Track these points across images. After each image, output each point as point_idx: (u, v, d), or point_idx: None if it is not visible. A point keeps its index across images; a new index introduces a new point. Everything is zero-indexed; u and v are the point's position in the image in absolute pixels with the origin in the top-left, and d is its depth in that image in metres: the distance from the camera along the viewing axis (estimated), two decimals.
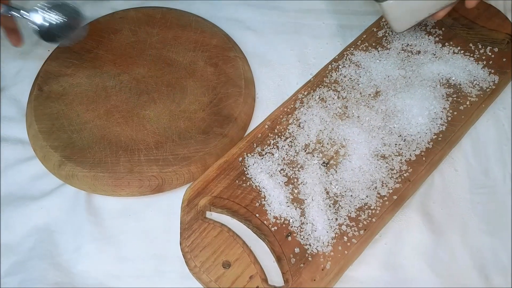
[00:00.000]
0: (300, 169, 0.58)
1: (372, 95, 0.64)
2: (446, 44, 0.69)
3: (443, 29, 0.71)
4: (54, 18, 0.61)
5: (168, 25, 0.71)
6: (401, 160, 0.59)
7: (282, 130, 0.62)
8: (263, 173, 0.58)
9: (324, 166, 0.59)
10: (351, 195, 0.56)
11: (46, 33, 0.62)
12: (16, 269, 0.54)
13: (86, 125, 0.62)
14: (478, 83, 0.65)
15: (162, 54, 0.69)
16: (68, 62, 0.67)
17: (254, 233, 0.55)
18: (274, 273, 0.53)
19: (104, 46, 0.69)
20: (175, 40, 0.70)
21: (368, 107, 0.63)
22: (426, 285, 0.54)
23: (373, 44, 0.69)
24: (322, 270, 0.52)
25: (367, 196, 0.56)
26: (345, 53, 0.68)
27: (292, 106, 0.64)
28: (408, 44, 0.69)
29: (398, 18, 0.63)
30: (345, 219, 0.55)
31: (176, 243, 0.55)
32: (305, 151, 0.60)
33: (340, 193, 0.56)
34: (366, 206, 0.56)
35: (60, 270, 0.54)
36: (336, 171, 0.58)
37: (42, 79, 0.66)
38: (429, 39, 0.70)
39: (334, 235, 0.54)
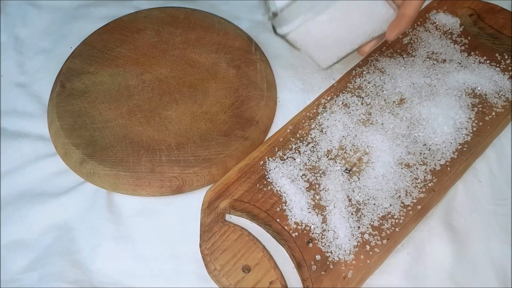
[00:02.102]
0: (322, 175, 0.58)
1: (396, 102, 0.63)
2: (472, 53, 0.68)
3: (468, 38, 0.70)
4: None
5: (192, 26, 0.71)
6: (425, 169, 0.58)
7: (304, 135, 0.61)
8: (285, 177, 0.57)
9: (347, 173, 0.58)
10: (374, 204, 0.55)
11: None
12: (34, 266, 0.54)
13: (108, 123, 0.61)
14: (504, 93, 0.64)
15: (185, 55, 0.68)
16: (91, 59, 0.67)
17: (274, 238, 0.55)
18: (294, 280, 0.52)
19: (127, 45, 0.69)
20: (198, 41, 0.70)
21: (392, 114, 0.62)
22: None
23: (398, 50, 0.68)
24: (344, 278, 0.51)
25: (390, 205, 0.55)
26: (369, 58, 0.68)
27: (314, 111, 0.63)
28: (434, 52, 0.68)
29: (313, 53, 0.56)
30: (367, 227, 0.54)
31: (194, 244, 0.55)
32: (328, 157, 0.59)
33: (362, 201, 0.56)
34: (389, 215, 0.55)
35: (78, 267, 0.54)
36: (359, 178, 0.57)
37: (65, 76, 0.66)
38: (454, 48, 0.69)
39: (356, 244, 0.53)
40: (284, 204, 0.56)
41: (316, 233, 0.54)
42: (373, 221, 0.54)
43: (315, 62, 0.58)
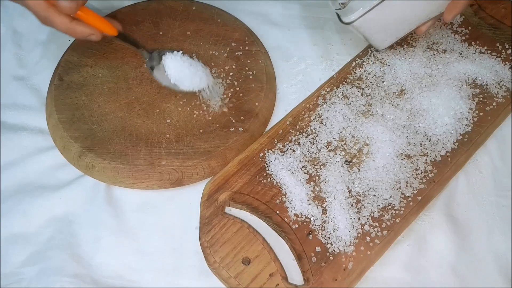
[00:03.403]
0: (322, 167, 0.57)
1: (397, 93, 0.63)
2: (473, 43, 0.68)
3: (469, 28, 0.69)
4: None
5: (190, 18, 0.71)
6: (426, 160, 0.58)
7: (304, 126, 0.61)
8: (284, 169, 0.57)
9: (347, 164, 0.58)
10: (375, 195, 0.55)
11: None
12: (34, 259, 0.54)
13: (106, 116, 0.61)
14: (505, 84, 0.64)
15: (183, 46, 0.68)
16: (89, 52, 0.67)
17: (274, 230, 0.55)
18: (294, 272, 0.52)
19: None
20: (197, 33, 0.69)
21: (392, 105, 0.61)
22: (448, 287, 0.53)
23: (399, 41, 0.68)
24: (344, 270, 0.51)
25: (390, 196, 0.55)
26: (369, 49, 0.67)
27: (314, 102, 0.63)
28: (434, 43, 0.67)
29: (373, 36, 0.60)
30: (367, 219, 0.54)
31: (194, 237, 0.55)
32: (327, 148, 0.59)
33: (363, 192, 0.55)
34: (390, 207, 0.55)
35: (79, 261, 0.54)
36: (359, 169, 0.57)
37: (63, 69, 0.65)
38: (455, 38, 0.68)
39: (356, 235, 0.53)
40: (284, 196, 0.56)
41: (316, 225, 0.54)
42: (373, 213, 0.54)
43: (373, 44, 0.62)
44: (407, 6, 0.56)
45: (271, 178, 0.57)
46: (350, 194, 0.55)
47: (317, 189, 0.56)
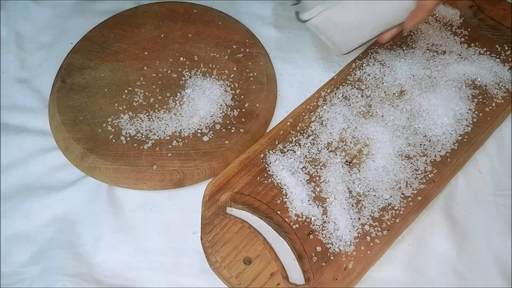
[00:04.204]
0: (322, 167, 0.58)
1: (396, 94, 0.63)
2: (472, 44, 0.68)
3: (468, 29, 0.70)
4: None
5: (191, 20, 0.71)
6: (426, 160, 0.58)
7: (304, 127, 0.61)
8: (285, 170, 0.57)
9: (347, 165, 0.58)
10: (375, 195, 0.55)
11: None
12: (36, 259, 0.55)
13: (108, 118, 0.62)
14: (504, 84, 0.64)
15: (185, 49, 0.68)
16: (91, 55, 0.67)
17: (275, 230, 0.55)
18: (295, 271, 0.53)
19: (127, 40, 0.69)
20: (198, 36, 0.70)
21: (392, 106, 0.62)
22: (448, 287, 0.53)
23: (398, 42, 0.68)
24: (345, 269, 0.51)
25: (390, 196, 0.55)
26: (369, 51, 0.68)
27: (314, 103, 0.63)
28: (434, 44, 0.68)
29: (333, 38, 0.57)
30: (368, 219, 0.54)
31: (195, 237, 0.55)
32: (328, 149, 0.59)
33: (363, 192, 0.56)
34: (390, 207, 0.55)
35: (80, 260, 0.54)
36: (359, 170, 0.57)
37: (65, 71, 0.66)
38: (454, 40, 0.69)
39: (356, 235, 0.53)
40: (284, 197, 0.56)
41: (316, 225, 0.54)
42: (374, 213, 0.54)
43: (335, 47, 0.59)
44: (366, 9, 0.54)
45: (272, 179, 0.57)
46: (351, 194, 0.56)
47: (318, 189, 0.56)
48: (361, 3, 0.53)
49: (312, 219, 0.54)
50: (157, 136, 0.60)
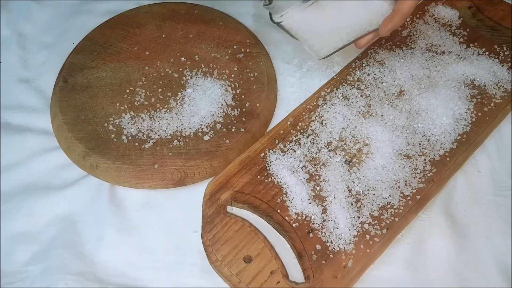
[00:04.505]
0: (322, 167, 0.58)
1: (396, 94, 0.63)
2: (471, 45, 0.69)
3: (467, 30, 0.70)
4: None
5: (193, 21, 0.72)
6: (425, 160, 0.58)
7: (305, 127, 0.62)
8: (285, 169, 0.58)
9: (347, 164, 0.58)
10: (374, 194, 0.56)
11: None
12: (38, 258, 0.55)
13: (110, 117, 0.62)
14: (503, 84, 0.65)
15: (186, 49, 0.69)
16: (93, 55, 0.68)
17: (275, 229, 0.55)
18: (295, 270, 0.53)
19: (129, 40, 0.70)
20: (199, 36, 0.70)
21: (392, 106, 0.62)
22: (448, 286, 0.54)
23: (398, 43, 0.69)
24: (344, 268, 0.52)
25: (390, 195, 0.56)
26: (369, 51, 0.68)
27: (314, 103, 0.64)
28: (433, 44, 0.68)
29: (309, 42, 0.57)
30: (367, 217, 0.54)
31: (196, 236, 0.55)
32: (328, 148, 0.60)
33: (362, 191, 0.56)
34: (389, 205, 0.55)
35: (82, 259, 0.55)
36: (359, 169, 0.58)
37: (67, 71, 0.67)
38: (453, 40, 0.69)
39: (356, 233, 0.53)
40: (284, 195, 0.56)
41: (316, 224, 0.54)
42: (373, 211, 0.55)
43: (312, 51, 0.58)
44: (339, 12, 0.53)
45: (272, 178, 0.58)
46: (350, 193, 0.56)
47: (318, 188, 0.57)
48: (333, 6, 0.52)
49: (312, 217, 0.55)
50: (158, 135, 0.61)
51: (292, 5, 0.51)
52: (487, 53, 0.67)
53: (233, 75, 0.66)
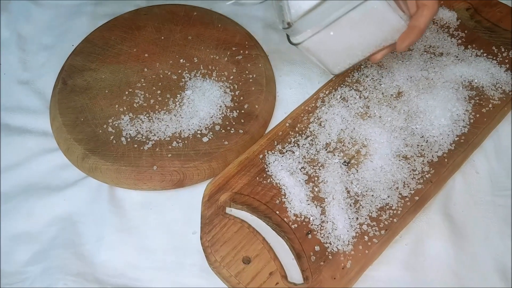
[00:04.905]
0: (320, 168, 0.58)
1: (394, 96, 0.64)
2: (469, 46, 0.69)
3: (465, 31, 0.71)
4: None
5: (191, 23, 0.72)
6: (423, 161, 0.58)
7: (303, 128, 0.62)
8: (284, 170, 0.58)
9: (345, 165, 0.59)
10: (372, 195, 0.56)
11: None
12: (38, 258, 0.55)
13: (109, 119, 0.62)
14: (501, 86, 0.65)
15: (184, 51, 0.69)
16: (92, 56, 0.68)
17: (274, 230, 0.55)
18: (294, 271, 0.53)
19: (128, 42, 0.70)
20: (197, 38, 0.71)
21: (390, 107, 0.62)
22: (446, 287, 0.54)
23: None
24: (343, 268, 0.52)
25: (388, 196, 0.56)
26: None
27: (313, 104, 0.64)
28: (431, 46, 0.69)
29: (324, 60, 0.57)
30: (366, 218, 0.55)
31: (196, 237, 0.56)
32: (326, 150, 0.60)
33: (361, 192, 0.56)
34: (388, 206, 0.55)
35: (82, 259, 0.55)
36: (357, 170, 0.58)
37: (67, 73, 0.67)
38: (451, 41, 0.69)
39: (354, 234, 0.54)
40: (283, 197, 0.57)
41: (315, 225, 0.55)
42: (372, 212, 0.55)
43: (326, 68, 0.59)
44: (357, 31, 0.54)
45: (271, 179, 0.58)
46: (349, 194, 0.56)
47: (316, 189, 0.57)
48: (350, 26, 0.52)
49: (311, 219, 0.55)
50: (157, 137, 0.61)
51: (310, 27, 0.52)
52: (485, 54, 0.68)
53: (232, 77, 0.67)
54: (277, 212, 0.56)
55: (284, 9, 0.51)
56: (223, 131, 0.62)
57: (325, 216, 0.55)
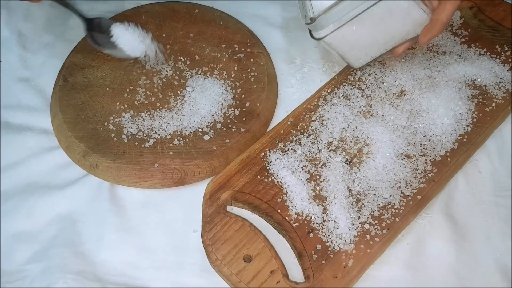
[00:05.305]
0: (322, 166, 0.58)
1: (397, 94, 0.63)
2: (472, 45, 0.68)
3: (469, 30, 0.70)
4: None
5: (193, 20, 0.72)
6: (425, 160, 0.58)
7: (305, 127, 0.62)
8: (285, 169, 0.58)
9: (347, 164, 0.58)
10: (375, 194, 0.56)
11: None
12: (38, 257, 0.55)
13: (110, 116, 0.62)
14: (504, 85, 0.65)
15: (186, 48, 0.69)
16: (93, 54, 0.68)
17: (275, 228, 0.55)
18: (295, 269, 0.53)
19: None
20: (199, 35, 0.70)
21: (392, 106, 0.62)
22: (448, 286, 0.54)
23: None
24: (344, 267, 0.52)
25: (390, 196, 0.55)
26: None
27: (315, 103, 0.64)
28: (434, 45, 0.68)
29: (347, 54, 0.58)
30: (368, 217, 0.54)
31: (196, 235, 0.55)
32: (328, 148, 0.60)
33: (363, 191, 0.56)
34: (390, 205, 0.55)
35: (82, 258, 0.55)
36: (360, 169, 0.58)
37: (67, 70, 0.66)
38: (455, 40, 0.69)
39: (356, 233, 0.53)
40: (285, 195, 0.56)
41: (316, 223, 0.54)
42: (373, 211, 0.55)
43: (348, 62, 0.60)
44: (379, 25, 0.54)
45: (272, 178, 0.58)
46: (351, 193, 0.56)
47: (318, 188, 0.57)
48: (372, 21, 0.53)
49: (312, 217, 0.55)
50: (159, 134, 0.61)
51: (332, 22, 0.53)
52: (488, 53, 0.67)
53: (233, 75, 0.66)
54: (279, 210, 0.56)
55: (306, 5, 0.52)
56: (225, 129, 0.62)
57: (326, 214, 0.55)
